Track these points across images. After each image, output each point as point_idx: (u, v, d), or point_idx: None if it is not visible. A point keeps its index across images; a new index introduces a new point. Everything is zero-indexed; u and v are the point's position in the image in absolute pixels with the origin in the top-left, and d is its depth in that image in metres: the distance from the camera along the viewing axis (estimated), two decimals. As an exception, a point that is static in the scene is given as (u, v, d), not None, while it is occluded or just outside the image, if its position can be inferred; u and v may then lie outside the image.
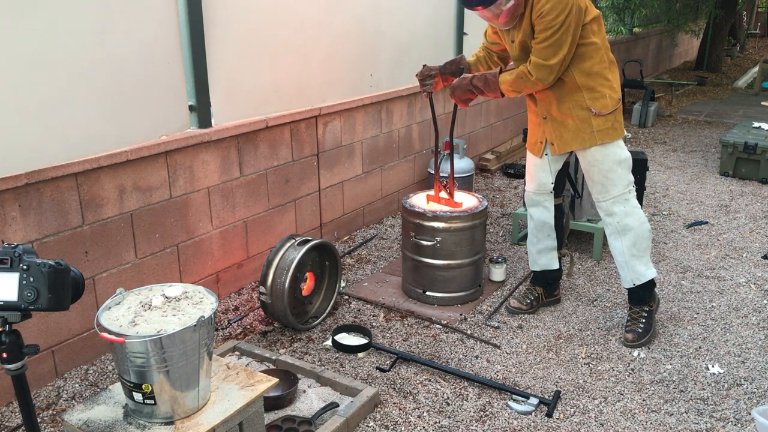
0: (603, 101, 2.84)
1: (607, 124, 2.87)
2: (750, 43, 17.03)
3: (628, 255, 3.00)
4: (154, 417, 1.89)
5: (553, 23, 2.63)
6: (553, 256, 3.31)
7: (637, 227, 2.96)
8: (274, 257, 3.06)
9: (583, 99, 2.84)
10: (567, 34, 2.66)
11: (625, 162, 2.94)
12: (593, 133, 2.88)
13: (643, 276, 3.02)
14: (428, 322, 3.27)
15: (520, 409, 2.58)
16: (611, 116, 2.87)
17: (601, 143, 2.88)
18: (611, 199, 2.95)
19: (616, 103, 2.89)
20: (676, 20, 10.13)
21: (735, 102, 9.66)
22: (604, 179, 2.94)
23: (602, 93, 2.83)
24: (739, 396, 2.68)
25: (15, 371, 1.57)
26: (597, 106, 2.84)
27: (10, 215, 2.47)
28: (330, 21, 3.91)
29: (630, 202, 2.96)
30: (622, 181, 2.93)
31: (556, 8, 2.62)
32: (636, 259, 3.00)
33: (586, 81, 2.81)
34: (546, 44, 2.68)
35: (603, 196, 2.97)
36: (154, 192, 3.00)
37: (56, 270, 1.51)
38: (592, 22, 2.77)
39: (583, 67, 2.79)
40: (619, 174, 2.93)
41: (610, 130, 2.88)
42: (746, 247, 4.22)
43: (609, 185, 2.94)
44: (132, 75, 2.82)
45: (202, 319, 1.83)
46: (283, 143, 3.69)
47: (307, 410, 2.53)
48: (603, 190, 2.96)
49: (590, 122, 2.86)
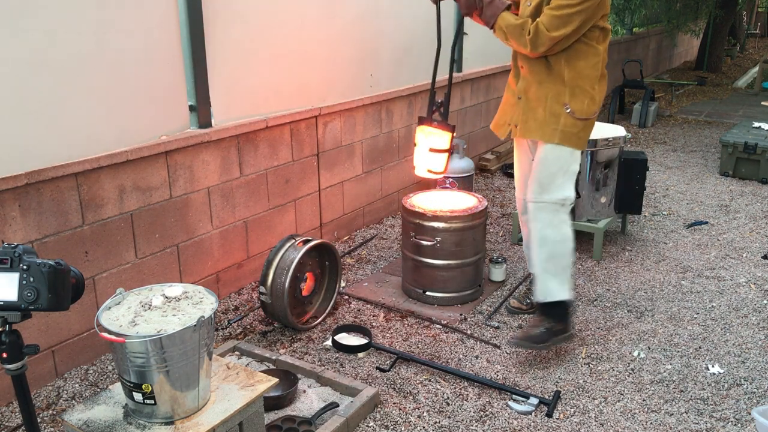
0: (582, 105, 2.76)
1: (574, 128, 2.78)
2: (750, 43, 17.03)
3: (541, 268, 2.90)
4: (154, 417, 1.89)
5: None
6: None
7: (555, 243, 2.86)
8: (274, 257, 3.06)
9: (564, 94, 2.76)
10: (579, 15, 2.58)
11: (571, 175, 2.84)
12: (556, 131, 2.78)
13: (553, 294, 2.90)
14: (428, 322, 3.27)
15: (520, 409, 2.58)
16: (581, 123, 2.78)
17: (559, 143, 2.79)
18: (542, 203, 2.85)
19: (592, 115, 2.81)
20: (676, 20, 10.13)
21: (735, 102, 9.66)
22: (544, 180, 2.84)
23: (584, 97, 2.75)
24: (739, 396, 2.68)
25: (15, 371, 1.57)
26: (574, 106, 2.76)
27: (10, 215, 2.47)
28: (330, 21, 3.91)
29: (558, 216, 2.85)
30: (559, 191, 2.83)
31: None
32: (549, 275, 2.89)
33: (574, 80, 2.74)
34: (557, 13, 2.59)
35: (536, 197, 2.87)
36: (154, 192, 3.00)
37: (56, 270, 1.51)
38: (603, 30, 2.72)
39: (577, 65, 2.73)
40: (559, 183, 2.82)
41: (573, 136, 2.79)
42: (746, 247, 4.22)
43: (545, 189, 2.84)
44: (132, 75, 2.82)
45: (202, 319, 1.83)
46: (283, 143, 3.69)
47: (307, 410, 2.53)
48: (539, 190, 2.86)
49: (560, 119, 2.77)
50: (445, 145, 2.97)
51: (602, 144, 3.93)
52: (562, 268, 2.89)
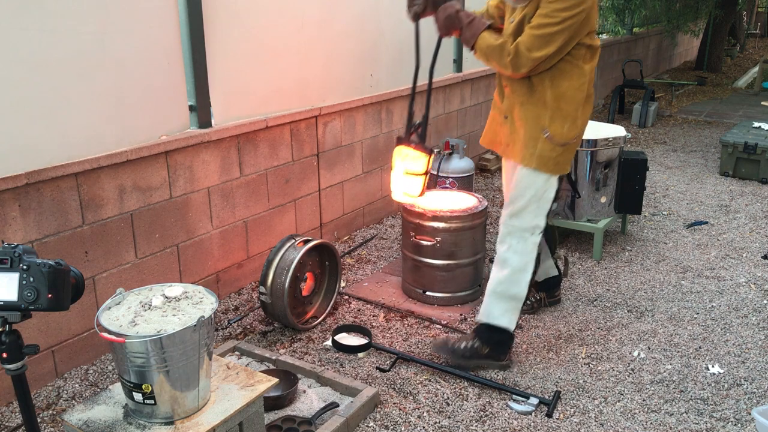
0: (561, 129, 2.61)
1: (552, 153, 2.63)
2: (750, 43, 17.02)
3: (491, 288, 2.81)
4: (154, 417, 1.89)
5: (555, 14, 2.42)
6: (550, 265, 3.29)
7: (514, 270, 2.74)
8: (274, 257, 3.06)
9: (544, 116, 2.61)
10: (562, 34, 2.44)
11: (544, 202, 2.71)
12: (533, 155, 2.65)
13: (494, 318, 2.79)
14: (428, 322, 3.27)
15: (520, 409, 2.58)
16: (560, 148, 2.63)
17: (535, 168, 2.65)
18: (511, 228, 2.75)
19: (572, 139, 2.65)
20: (676, 20, 10.13)
21: (735, 102, 9.66)
22: (516, 205, 2.73)
23: (565, 121, 2.60)
24: (739, 396, 2.68)
25: (15, 371, 1.57)
26: (553, 130, 2.60)
27: (10, 215, 2.47)
28: (330, 21, 3.91)
29: (525, 244, 2.73)
30: (530, 218, 2.71)
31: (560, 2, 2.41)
32: (497, 299, 2.79)
33: (556, 101, 2.59)
34: (538, 33, 2.45)
35: (506, 219, 2.78)
36: (154, 192, 3.00)
37: (56, 270, 1.51)
38: (590, 48, 2.58)
39: (560, 86, 2.57)
40: (531, 210, 2.71)
41: (551, 161, 2.65)
42: (746, 247, 4.22)
43: (516, 214, 2.74)
44: (132, 75, 2.82)
45: (202, 319, 1.83)
46: (283, 143, 3.69)
47: (307, 410, 2.53)
48: (510, 214, 2.76)
49: (536, 143, 2.63)
50: (422, 168, 2.88)
51: (602, 144, 3.93)
52: (512, 297, 2.77)
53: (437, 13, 2.69)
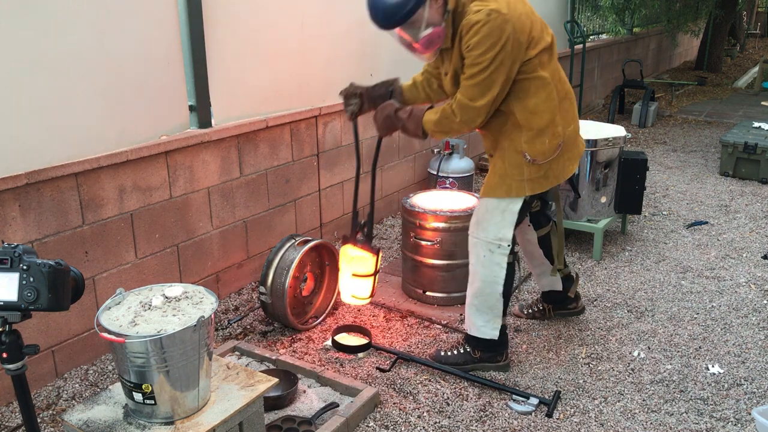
0: (540, 146, 2.49)
1: (540, 172, 2.54)
2: (750, 43, 17.02)
3: (469, 301, 2.77)
4: (154, 417, 1.89)
5: (480, 59, 2.28)
6: (554, 279, 3.10)
7: (484, 282, 2.67)
8: (274, 257, 3.06)
9: (519, 140, 2.49)
10: (498, 73, 2.30)
11: (510, 214, 2.59)
12: (523, 182, 2.53)
13: (478, 330, 2.76)
14: (428, 322, 3.27)
15: (520, 409, 2.58)
16: (545, 164, 2.53)
17: (531, 193, 2.56)
18: (476, 240, 2.67)
19: (555, 150, 2.52)
20: (676, 20, 10.13)
21: (735, 102, 9.66)
22: (482, 216, 2.65)
23: (543, 137, 2.48)
24: (739, 396, 2.68)
25: (15, 371, 1.57)
26: (533, 152, 2.49)
27: (10, 215, 2.47)
28: (330, 21, 3.91)
29: (492, 257, 2.63)
30: (495, 230, 2.60)
31: (484, 42, 2.26)
32: (476, 311, 2.74)
33: (528, 119, 2.46)
34: (473, 82, 2.33)
35: (472, 230, 2.70)
36: (154, 192, 3.00)
37: (56, 270, 1.51)
38: (542, 53, 2.42)
39: (527, 104, 2.44)
40: (496, 221, 2.60)
41: (542, 179, 2.55)
42: (746, 247, 4.22)
43: (481, 225, 2.65)
44: (132, 75, 2.82)
45: (202, 319, 1.83)
46: (283, 143, 3.69)
47: (307, 410, 2.53)
48: (476, 225, 2.68)
49: (522, 169, 2.52)
50: (369, 269, 2.87)
51: (602, 144, 3.93)
52: (489, 308, 2.71)
53: (375, 115, 2.65)
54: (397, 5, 2.26)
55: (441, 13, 2.34)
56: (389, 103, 2.64)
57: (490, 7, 2.26)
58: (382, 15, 2.29)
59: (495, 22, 2.25)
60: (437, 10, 2.33)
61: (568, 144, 2.61)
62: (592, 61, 8.55)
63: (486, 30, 2.25)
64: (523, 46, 2.34)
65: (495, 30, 2.25)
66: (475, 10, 2.28)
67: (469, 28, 2.28)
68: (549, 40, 2.46)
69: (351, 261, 2.88)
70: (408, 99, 2.81)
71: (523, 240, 3.05)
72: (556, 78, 2.50)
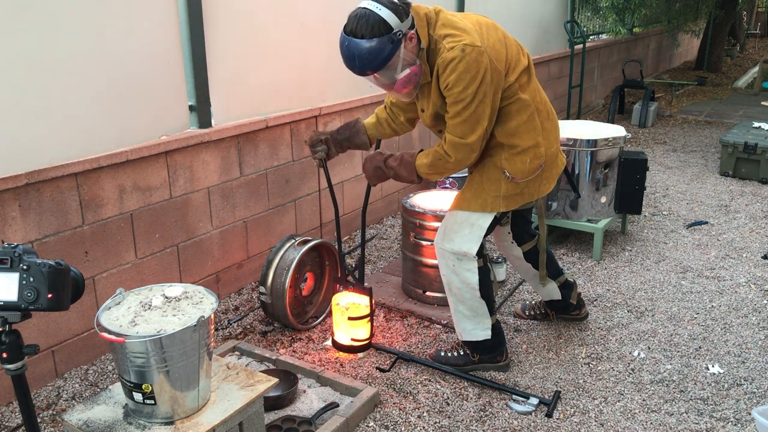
0: (521, 165, 2.45)
1: (516, 189, 2.51)
2: (750, 43, 17.02)
3: (453, 310, 2.75)
4: (154, 417, 1.89)
5: (462, 96, 2.24)
6: (551, 288, 3.06)
7: (460, 289, 2.65)
8: (274, 257, 3.06)
9: (499, 157, 2.47)
10: (483, 105, 2.26)
11: (478, 229, 2.56)
12: (498, 198, 2.51)
13: (469, 334, 2.74)
14: (428, 322, 3.27)
15: (520, 409, 2.58)
16: (523, 183, 2.51)
17: (505, 209, 2.56)
18: (442, 250, 2.64)
19: (536, 170, 2.49)
20: (676, 20, 10.13)
21: (735, 102, 9.66)
22: (449, 227, 2.61)
23: (525, 156, 2.45)
24: (739, 396, 2.68)
25: (15, 371, 1.57)
26: (512, 170, 2.46)
27: (10, 215, 2.47)
28: (330, 21, 3.90)
29: (461, 264, 2.60)
30: (461, 243, 2.57)
31: (463, 79, 2.21)
32: (462, 317, 2.73)
33: (509, 140, 2.43)
34: (460, 120, 2.29)
35: (438, 242, 2.66)
36: (154, 192, 3.00)
37: (56, 270, 1.51)
38: (521, 75, 2.39)
39: (508, 127, 2.41)
40: (464, 234, 2.57)
41: (517, 196, 2.53)
42: (746, 247, 4.22)
43: (447, 236, 2.61)
44: (132, 75, 2.82)
45: (202, 319, 1.83)
46: (283, 143, 3.69)
47: (307, 410, 2.53)
48: (442, 236, 2.64)
49: (499, 185, 2.50)
50: (365, 311, 2.91)
51: (602, 144, 3.93)
52: (473, 312, 2.69)
53: (365, 165, 2.63)
54: (371, 53, 2.20)
55: (415, 51, 2.28)
56: (377, 152, 2.61)
57: (464, 42, 2.22)
58: (359, 63, 2.23)
59: (471, 56, 2.20)
60: (412, 49, 2.26)
61: (549, 164, 2.57)
62: (592, 61, 8.55)
63: (463, 66, 2.21)
64: (502, 74, 2.31)
65: (472, 64, 2.21)
66: (449, 47, 2.23)
67: (445, 67, 2.24)
68: (526, 62, 2.43)
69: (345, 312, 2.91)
70: (372, 136, 2.79)
71: (510, 257, 3.03)
72: (537, 99, 2.47)
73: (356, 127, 2.75)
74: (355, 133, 2.75)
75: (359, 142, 2.78)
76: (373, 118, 2.82)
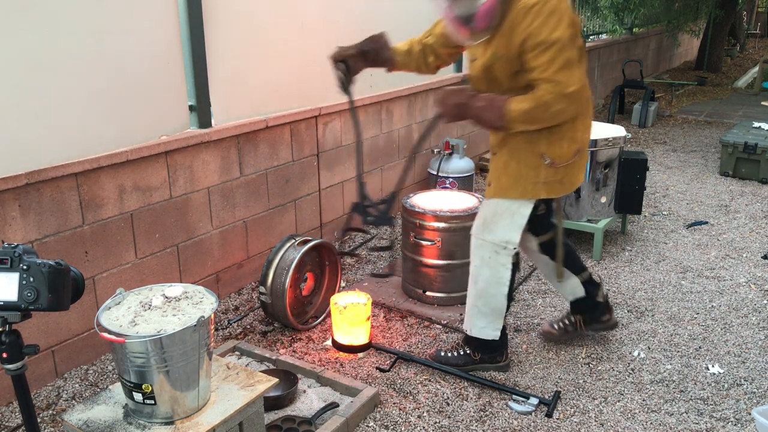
0: (560, 150, 2.43)
1: (557, 176, 2.48)
2: (750, 43, 17.02)
3: (471, 303, 2.73)
4: (154, 417, 1.89)
5: (552, 38, 2.19)
6: (574, 284, 2.91)
7: (489, 283, 2.62)
8: (274, 257, 3.06)
9: (539, 142, 2.42)
10: (572, 50, 2.23)
11: (519, 218, 2.53)
12: (538, 185, 2.47)
13: (479, 331, 2.73)
14: (428, 322, 3.27)
15: (520, 409, 2.58)
16: (563, 169, 2.48)
17: (546, 196, 2.51)
18: (481, 241, 2.61)
19: (574, 155, 2.47)
20: (676, 20, 10.13)
21: (735, 102, 9.66)
22: (489, 218, 2.58)
23: (563, 140, 2.42)
24: (739, 396, 2.68)
25: (15, 371, 1.57)
26: (552, 154, 2.43)
27: (10, 215, 2.47)
28: (330, 21, 3.91)
29: (498, 258, 2.57)
30: (502, 232, 2.54)
31: (550, 20, 2.18)
32: (478, 312, 2.71)
33: None
34: (556, 66, 2.20)
35: (477, 232, 2.63)
36: (154, 192, 3.00)
37: (56, 270, 1.51)
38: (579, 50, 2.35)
39: None
40: (504, 224, 2.54)
41: (557, 183, 2.49)
42: (746, 247, 4.22)
43: (488, 227, 2.58)
44: (132, 75, 2.82)
45: (202, 319, 1.83)
46: (283, 143, 3.69)
47: (307, 410, 2.53)
48: (482, 227, 2.61)
49: (539, 171, 2.45)
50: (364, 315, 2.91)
51: (602, 144, 3.93)
52: (492, 310, 2.68)
53: (444, 98, 2.41)
54: None
55: None
56: (461, 87, 2.43)
57: None
58: None
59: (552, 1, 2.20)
60: None
61: (582, 152, 2.55)
62: (592, 61, 8.55)
63: (547, 9, 2.19)
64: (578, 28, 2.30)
65: (555, 7, 2.20)
66: None
67: (527, 12, 2.20)
68: (581, 42, 2.38)
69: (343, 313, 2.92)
70: (397, 63, 2.72)
71: (524, 248, 2.90)
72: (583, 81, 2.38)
73: (381, 40, 2.64)
74: (381, 47, 2.64)
75: (385, 57, 2.68)
76: (405, 45, 2.73)
